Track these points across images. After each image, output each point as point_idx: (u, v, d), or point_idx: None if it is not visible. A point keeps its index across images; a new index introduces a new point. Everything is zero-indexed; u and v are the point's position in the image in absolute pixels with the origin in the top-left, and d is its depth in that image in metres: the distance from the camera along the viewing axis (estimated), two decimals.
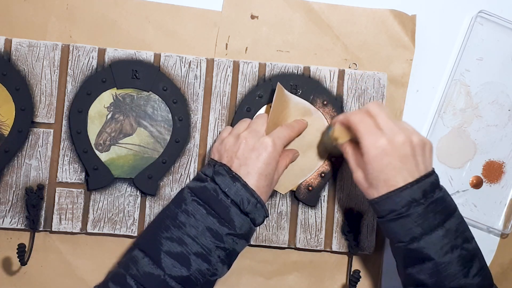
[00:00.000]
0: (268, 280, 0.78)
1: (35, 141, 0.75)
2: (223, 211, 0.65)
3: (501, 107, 0.81)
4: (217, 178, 0.66)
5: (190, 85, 0.77)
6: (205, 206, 0.65)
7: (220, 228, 0.65)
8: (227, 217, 0.65)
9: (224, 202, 0.65)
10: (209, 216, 0.65)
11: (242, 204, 0.65)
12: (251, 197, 0.66)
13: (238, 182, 0.66)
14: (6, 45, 0.75)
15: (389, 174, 0.64)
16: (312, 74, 0.78)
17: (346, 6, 0.80)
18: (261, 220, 0.68)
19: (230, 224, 0.65)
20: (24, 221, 0.74)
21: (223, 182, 0.66)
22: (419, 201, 0.63)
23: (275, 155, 0.68)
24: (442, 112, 0.80)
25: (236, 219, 0.65)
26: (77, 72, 0.76)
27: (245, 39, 0.79)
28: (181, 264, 0.64)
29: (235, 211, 0.65)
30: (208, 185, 0.66)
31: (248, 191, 0.66)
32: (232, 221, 0.65)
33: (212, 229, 0.65)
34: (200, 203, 0.66)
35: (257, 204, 0.66)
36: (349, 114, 0.69)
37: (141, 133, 0.76)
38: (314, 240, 0.77)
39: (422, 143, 0.66)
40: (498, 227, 0.81)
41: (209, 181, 0.67)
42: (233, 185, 0.66)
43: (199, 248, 0.64)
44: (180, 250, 0.64)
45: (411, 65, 0.80)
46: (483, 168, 0.81)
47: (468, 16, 0.82)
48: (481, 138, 0.81)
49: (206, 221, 0.65)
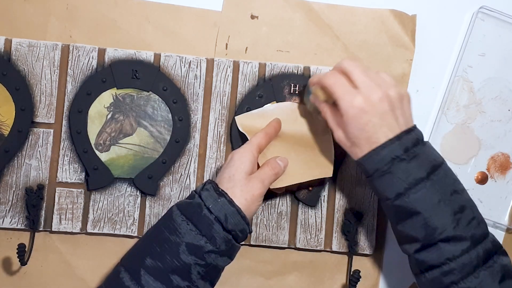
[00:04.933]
0: (268, 280, 0.78)
1: (35, 141, 0.75)
2: (206, 228, 0.63)
3: (504, 102, 0.81)
4: (203, 193, 0.65)
5: (190, 85, 0.77)
6: (188, 222, 0.64)
7: (202, 244, 0.63)
8: (208, 234, 0.63)
9: (207, 219, 0.64)
10: (191, 232, 0.63)
11: (225, 221, 0.64)
12: (236, 214, 0.64)
13: (224, 198, 0.64)
14: (6, 45, 0.75)
15: (369, 132, 0.64)
16: (312, 74, 0.78)
17: (346, 6, 0.80)
18: (244, 238, 0.67)
19: (211, 241, 0.63)
20: (24, 221, 0.75)
21: (208, 198, 0.64)
22: (400, 157, 0.63)
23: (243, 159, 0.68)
24: (445, 109, 0.80)
25: (218, 236, 0.63)
26: (77, 72, 0.76)
27: (245, 39, 0.79)
28: (161, 282, 0.62)
29: (218, 227, 0.63)
30: (194, 201, 0.65)
31: (233, 207, 0.64)
32: (214, 238, 0.63)
33: (193, 246, 0.63)
34: (184, 219, 0.64)
35: (241, 221, 0.65)
36: (323, 76, 0.68)
37: (141, 133, 0.76)
38: (314, 240, 0.77)
39: (400, 96, 0.66)
40: (504, 222, 0.81)
41: (196, 197, 0.66)
42: (218, 201, 0.64)
43: (179, 265, 0.62)
44: (160, 267, 0.63)
45: (411, 65, 0.80)
46: (490, 162, 0.81)
47: (469, 13, 0.82)
48: (485, 133, 0.81)
49: (188, 237, 0.63)
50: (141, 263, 0.63)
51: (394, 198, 0.64)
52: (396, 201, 0.64)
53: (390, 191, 0.64)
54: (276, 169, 0.69)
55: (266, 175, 0.68)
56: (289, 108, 0.76)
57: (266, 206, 0.77)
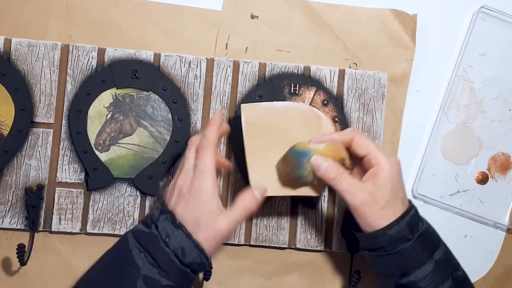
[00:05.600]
0: (268, 280, 0.78)
1: (34, 141, 0.75)
2: (162, 261, 0.60)
3: (505, 102, 0.81)
4: (160, 225, 0.61)
5: (190, 85, 0.77)
6: (146, 254, 0.61)
7: (158, 278, 0.60)
8: (166, 268, 0.60)
9: (164, 252, 0.60)
10: (148, 265, 0.60)
11: (183, 255, 0.60)
12: (193, 248, 0.61)
13: (181, 230, 0.61)
14: (5, 45, 0.75)
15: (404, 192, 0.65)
16: (313, 74, 0.78)
17: (347, 5, 0.80)
18: (203, 269, 0.63)
19: (168, 275, 0.60)
20: (24, 221, 0.74)
21: (165, 231, 0.61)
22: (407, 237, 0.63)
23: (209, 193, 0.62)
24: (446, 108, 0.80)
25: (176, 270, 0.60)
26: (77, 72, 0.76)
27: (245, 39, 0.79)
28: None
29: (175, 262, 0.60)
30: (151, 231, 0.62)
31: (190, 240, 0.61)
32: (170, 272, 0.60)
33: (150, 279, 0.60)
34: (141, 250, 0.61)
35: (199, 256, 0.61)
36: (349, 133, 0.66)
37: (141, 133, 0.76)
38: (314, 240, 0.77)
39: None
40: (505, 222, 0.81)
41: (152, 227, 0.62)
42: (175, 234, 0.61)
43: None
44: None
45: (411, 65, 0.80)
46: (490, 162, 0.81)
47: (469, 12, 0.82)
48: (486, 133, 0.81)
49: (145, 270, 0.60)
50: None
51: (399, 277, 0.64)
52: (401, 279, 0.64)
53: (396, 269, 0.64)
54: (251, 208, 0.64)
55: (239, 216, 0.63)
56: (299, 109, 0.72)
57: (266, 206, 0.77)
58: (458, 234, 0.81)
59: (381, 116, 0.78)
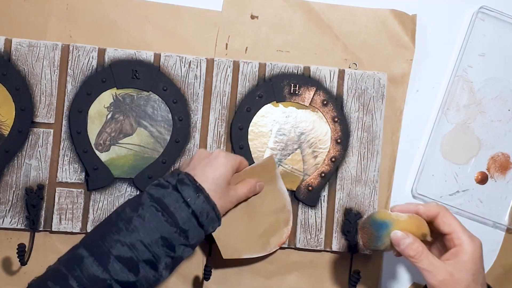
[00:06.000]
0: (268, 280, 0.78)
1: (35, 141, 0.75)
2: (181, 221, 0.63)
3: (504, 102, 0.81)
4: (181, 186, 0.64)
5: (190, 85, 0.77)
6: (163, 213, 0.63)
7: (175, 238, 0.63)
8: (183, 228, 0.63)
9: (184, 212, 0.63)
10: (166, 224, 0.63)
11: (201, 216, 0.64)
12: (211, 210, 0.65)
13: (201, 194, 0.64)
14: (6, 45, 0.75)
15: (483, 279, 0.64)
16: (312, 74, 0.78)
17: (346, 6, 0.80)
18: (213, 231, 0.68)
19: (185, 235, 0.63)
20: (24, 221, 0.74)
21: (187, 192, 0.64)
22: None
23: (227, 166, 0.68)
24: (445, 109, 0.80)
25: (192, 230, 0.64)
26: (77, 72, 0.76)
27: (245, 39, 0.79)
28: (129, 270, 0.62)
29: (193, 222, 0.64)
30: (169, 192, 0.64)
31: (209, 204, 0.64)
32: (187, 232, 0.64)
33: (166, 238, 0.63)
34: (158, 209, 0.63)
35: (214, 219, 0.65)
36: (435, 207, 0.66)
37: (141, 133, 0.76)
38: (314, 240, 0.77)
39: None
40: (504, 222, 0.81)
41: (171, 188, 0.65)
42: (196, 196, 0.64)
43: (150, 255, 0.62)
44: (130, 255, 0.62)
45: (411, 65, 0.80)
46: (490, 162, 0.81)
47: (469, 13, 0.82)
48: (485, 133, 0.81)
49: (162, 229, 0.63)
50: (110, 250, 0.62)
51: None
52: None
53: None
54: (251, 192, 0.72)
55: (242, 194, 0.70)
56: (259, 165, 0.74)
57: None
58: None
59: (380, 116, 0.78)
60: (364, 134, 0.78)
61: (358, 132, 0.78)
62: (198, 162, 0.68)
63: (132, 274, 0.62)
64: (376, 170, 0.78)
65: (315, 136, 0.77)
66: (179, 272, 0.77)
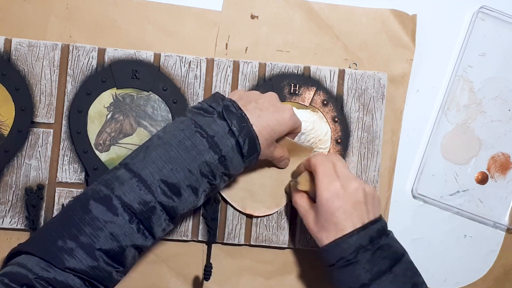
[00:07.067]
0: (268, 280, 0.78)
1: (35, 141, 0.75)
2: (225, 150, 0.62)
3: (505, 102, 0.81)
4: (227, 114, 0.63)
5: (190, 85, 0.77)
6: (208, 139, 0.62)
7: (217, 166, 0.63)
8: (227, 156, 0.63)
9: (229, 141, 0.62)
10: (210, 151, 0.62)
11: (244, 147, 0.63)
12: (254, 142, 0.64)
13: (246, 124, 0.63)
14: (6, 45, 0.75)
15: (339, 218, 0.65)
16: (312, 74, 0.78)
17: (346, 6, 0.80)
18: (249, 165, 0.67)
19: (227, 164, 0.63)
20: (24, 221, 0.74)
21: (233, 120, 0.63)
22: (366, 247, 0.64)
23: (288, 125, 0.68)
24: (445, 109, 0.80)
25: (235, 160, 0.64)
26: (77, 72, 0.76)
27: (245, 39, 0.79)
28: (172, 192, 0.61)
29: (237, 151, 0.63)
30: (215, 119, 0.63)
31: (254, 135, 0.64)
32: (231, 161, 0.63)
33: (209, 165, 0.62)
34: (204, 136, 0.62)
35: (256, 149, 0.65)
36: (312, 157, 0.70)
37: (141, 133, 0.76)
38: (314, 240, 0.77)
39: (373, 194, 0.68)
40: (504, 222, 0.81)
41: (216, 115, 0.63)
42: (242, 125, 0.63)
43: (193, 180, 0.62)
44: (175, 180, 0.61)
45: (411, 65, 0.80)
46: (490, 162, 0.81)
47: (469, 12, 0.82)
48: (485, 133, 0.81)
49: (206, 155, 0.62)
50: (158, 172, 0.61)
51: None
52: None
53: (354, 281, 0.64)
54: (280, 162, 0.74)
55: (274, 156, 0.71)
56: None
57: None
58: (458, 234, 0.81)
59: (381, 116, 0.78)
60: (364, 134, 0.78)
61: (358, 132, 0.78)
62: (267, 104, 0.67)
63: (176, 197, 0.61)
64: (376, 170, 0.78)
65: (315, 136, 0.77)
66: (179, 272, 0.77)
